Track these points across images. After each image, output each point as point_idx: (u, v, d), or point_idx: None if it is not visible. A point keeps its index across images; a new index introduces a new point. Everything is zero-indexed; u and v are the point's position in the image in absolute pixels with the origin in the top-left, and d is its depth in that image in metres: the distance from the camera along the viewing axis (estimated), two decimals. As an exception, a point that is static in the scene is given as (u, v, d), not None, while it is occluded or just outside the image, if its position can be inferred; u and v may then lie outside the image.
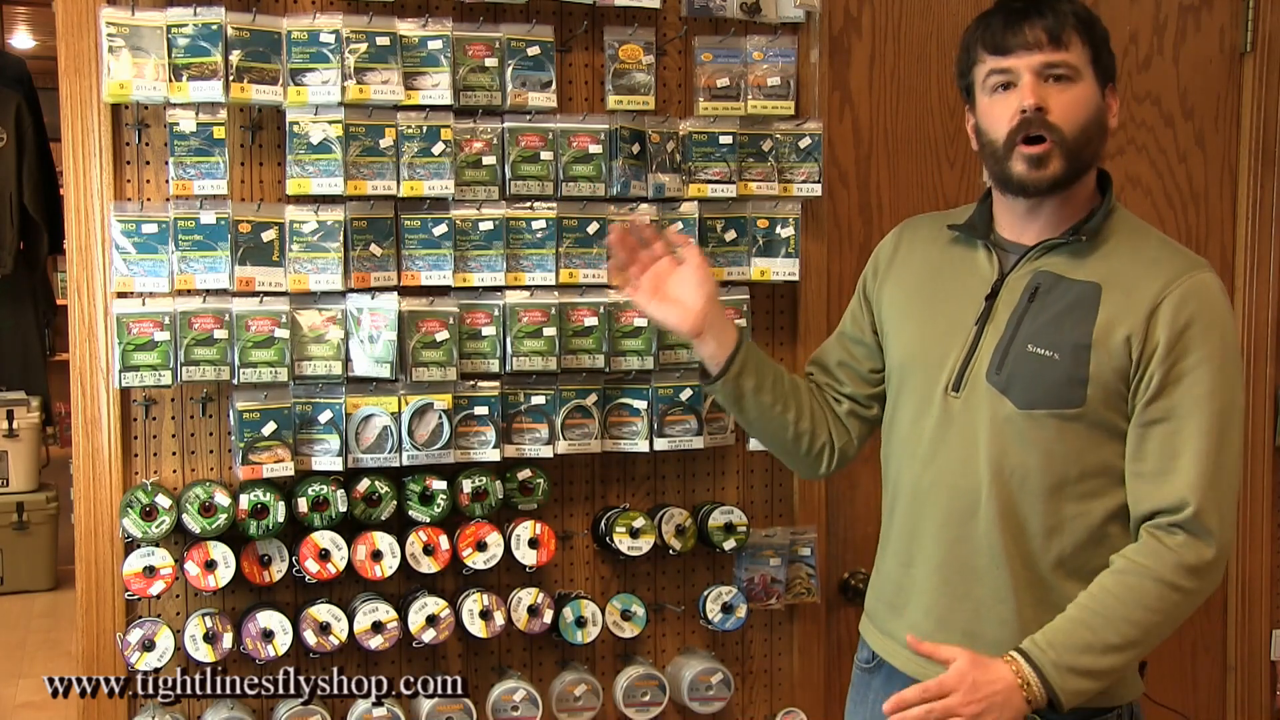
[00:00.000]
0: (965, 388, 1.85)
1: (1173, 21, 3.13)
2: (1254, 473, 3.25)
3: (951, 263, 1.95)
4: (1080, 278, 1.81)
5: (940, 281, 1.95)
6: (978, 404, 1.84)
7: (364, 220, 2.40)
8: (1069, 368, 1.77)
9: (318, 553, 2.35)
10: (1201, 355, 1.73)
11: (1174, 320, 1.74)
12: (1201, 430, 1.73)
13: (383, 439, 2.40)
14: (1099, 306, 1.77)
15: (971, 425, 1.84)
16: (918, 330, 1.96)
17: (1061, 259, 1.83)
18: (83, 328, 2.33)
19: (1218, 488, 1.73)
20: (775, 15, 2.65)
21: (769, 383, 2.00)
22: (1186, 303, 1.74)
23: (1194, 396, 1.73)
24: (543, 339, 2.47)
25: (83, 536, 2.35)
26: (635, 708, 2.60)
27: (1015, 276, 1.86)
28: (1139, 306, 1.76)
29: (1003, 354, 1.82)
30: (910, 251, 2.03)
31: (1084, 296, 1.79)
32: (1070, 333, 1.78)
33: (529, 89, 2.48)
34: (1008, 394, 1.81)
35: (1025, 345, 1.81)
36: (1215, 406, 1.73)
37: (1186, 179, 3.18)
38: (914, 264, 2.01)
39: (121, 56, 2.25)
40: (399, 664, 2.53)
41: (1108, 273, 1.80)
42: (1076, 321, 1.78)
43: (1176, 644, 3.26)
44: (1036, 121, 1.77)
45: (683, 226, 2.59)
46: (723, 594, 2.63)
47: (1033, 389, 1.79)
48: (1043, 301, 1.82)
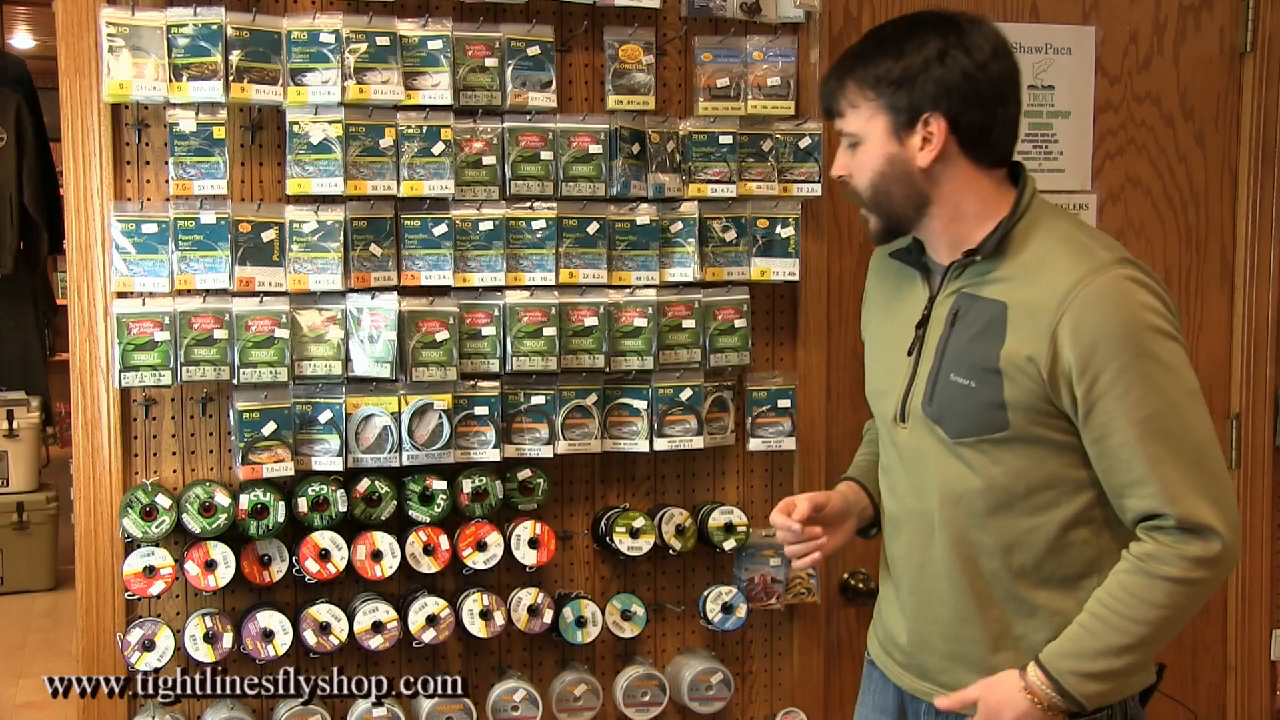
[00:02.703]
0: (909, 419, 1.87)
1: (1173, 21, 3.13)
2: (1254, 472, 3.25)
3: (898, 291, 1.96)
4: (990, 296, 1.78)
5: (890, 311, 1.96)
6: (920, 435, 1.85)
7: (364, 220, 2.40)
8: (986, 394, 1.75)
9: (318, 553, 2.35)
10: (1117, 368, 1.68)
11: (1076, 340, 1.69)
12: (1146, 440, 1.68)
13: (383, 439, 2.40)
14: (1006, 328, 1.74)
15: (918, 455, 1.86)
16: (874, 363, 2.00)
17: (975, 276, 1.81)
18: (83, 328, 2.33)
19: (1188, 484, 1.69)
20: (775, 15, 2.65)
21: None
22: (1087, 318, 1.69)
23: (1124, 411, 1.68)
24: (543, 339, 2.47)
25: (83, 536, 2.35)
26: (635, 708, 2.60)
27: (940, 300, 1.85)
28: (1040, 327, 1.71)
29: (932, 384, 1.82)
30: (872, 283, 2.06)
31: (993, 319, 1.76)
32: (981, 359, 1.76)
33: (529, 89, 2.48)
34: (940, 425, 1.81)
35: (949, 375, 1.80)
36: (1149, 411, 1.68)
37: (1186, 179, 3.18)
38: (873, 295, 2.05)
39: (121, 56, 2.25)
40: (399, 664, 2.52)
41: (1013, 290, 1.76)
42: (986, 346, 1.76)
43: (1176, 644, 3.23)
44: (847, 189, 1.87)
45: (683, 226, 2.59)
46: (723, 594, 2.63)
47: (960, 419, 1.79)
48: (961, 326, 1.80)
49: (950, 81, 1.76)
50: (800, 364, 2.75)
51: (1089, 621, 1.74)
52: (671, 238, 2.59)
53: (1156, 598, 1.71)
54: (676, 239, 2.59)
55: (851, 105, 1.82)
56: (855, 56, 1.83)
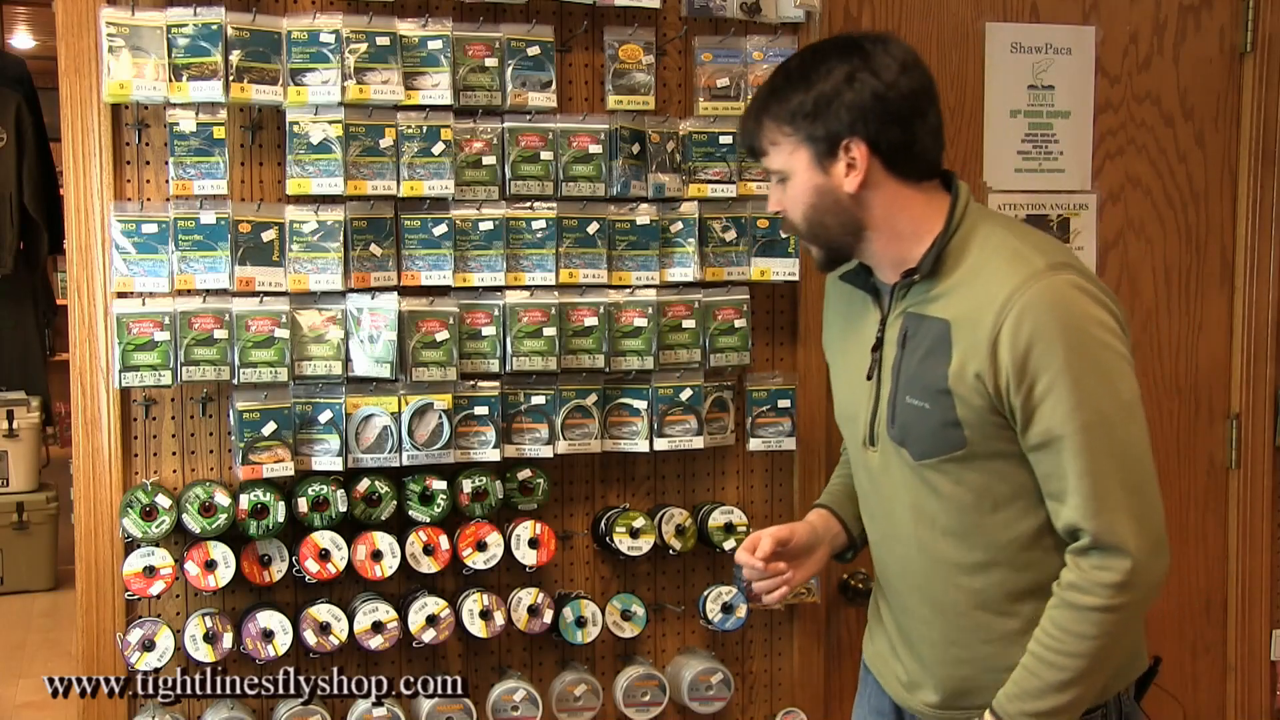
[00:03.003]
0: (878, 442, 1.86)
1: (1173, 21, 3.12)
2: (1254, 472, 3.25)
3: (853, 314, 1.95)
4: (934, 314, 1.77)
5: (847, 335, 1.96)
6: (889, 457, 1.85)
7: (364, 220, 2.40)
8: (940, 414, 1.75)
9: (318, 553, 2.35)
10: (1051, 375, 1.66)
11: (1013, 348, 1.67)
12: (1076, 450, 1.67)
13: (383, 439, 2.40)
14: (951, 346, 1.73)
15: (888, 478, 1.86)
16: (839, 387, 2.00)
17: (919, 295, 1.80)
18: (83, 328, 2.33)
19: (1112, 499, 1.67)
20: (775, 15, 2.65)
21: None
22: (1021, 326, 1.67)
23: (1059, 419, 1.67)
24: (543, 339, 2.47)
25: (83, 536, 2.35)
26: (635, 708, 2.60)
27: (891, 321, 1.84)
28: (982, 341, 1.70)
29: (892, 407, 1.82)
30: (830, 306, 2.06)
31: (939, 337, 1.75)
32: (931, 380, 1.75)
33: (529, 89, 2.48)
34: (905, 446, 1.81)
35: (905, 397, 1.79)
36: (1080, 422, 1.66)
37: (1186, 179, 3.18)
38: (832, 318, 2.05)
39: (121, 56, 2.25)
40: (399, 664, 2.52)
41: (954, 305, 1.75)
42: (934, 366, 1.75)
43: (1177, 644, 3.26)
44: (785, 223, 1.88)
45: (682, 226, 2.59)
46: (722, 594, 2.63)
47: (920, 440, 1.78)
48: (911, 346, 1.79)
49: (862, 104, 1.74)
50: (800, 364, 2.75)
51: (1029, 661, 1.73)
52: (671, 238, 2.59)
53: (1085, 629, 1.69)
54: (676, 239, 2.60)
55: (772, 143, 1.82)
56: (768, 94, 1.83)
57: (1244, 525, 3.24)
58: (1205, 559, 3.26)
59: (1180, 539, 3.24)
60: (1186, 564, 3.25)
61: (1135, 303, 3.15)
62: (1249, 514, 3.24)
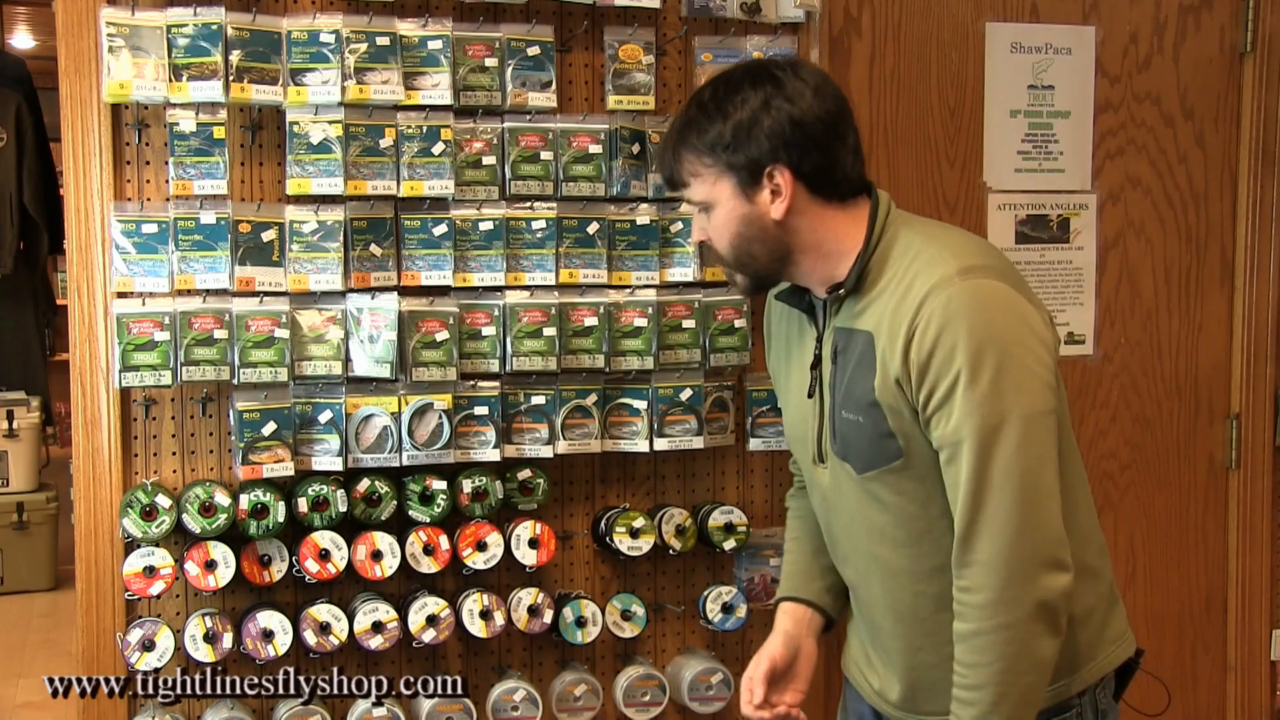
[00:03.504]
0: (826, 459, 1.86)
1: (1173, 21, 3.13)
2: (1254, 473, 3.25)
3: (792, 332, 1.95)
4: (860, 327, 1.76)
5: (789, 354, 1.95)
6: (837, 473, 1.84)
7: (364, 220, 2.40)
8: (873, 427, 1.74)
9: (318, 553, 2.35)
10: (950, 380, 1.65)
11: (919, 351, 1.67)
12: (964, 459, 1.65)
13: (383, 439, 2.40)
14: (875, 358, 1.73)
15: (839, 494, 1.86)
16: (786, 408, 1.99)
17: (848, 309, 1.79)
18: (83, 328, 2.33)
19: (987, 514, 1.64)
20: (775, 15, 2.65)
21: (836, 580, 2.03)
22: (929, 329, 1.66)
23: (952, 426, 1.65)
24: (543, 339, 2.47)
25: (83, 536, 2.35)
26: (635, 708, 2.60)
27: (826, 338, 1.84)
28: (898, 348, 1.69)
29: (832, 423, 1.81)
30: (771, 325, 2.05)
31: (865, 350, 1.75)
32: (860, 393, 1.75)
33: (529, 89, 2.48)
34: (847, 461, 1.80)
35: (841, 412, 1.79)
36: (971, 429, 1.64)
37: (1186, 179, 3.18)
38: (773, 338, 2.03)
39: (121, 56, 2.25)
40: (399, 664, 2.52)
41: (876, 316, 1.74)
42: (862, 379, 1.74)
43: (1177, 644, 3.26)
44: (709, 253, 1.88)
45: (683, 226, 2.59)
46: (723, 594, 2.63)
47: (860, 454, 1.77)
48: (842, 362, 1.79)
49: (781, 132, 1.73)
50: (800, 364, 2.75)
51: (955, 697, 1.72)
52: (671, 238, 2.59)
53: (977, 658, 1.68)
54: (676, 239, 2.60)
55: (693, 174, 1.80)
56: (683, 126, 1.81)
57: (1244, 525, 3.24)
58: (1205, 559, 3.26)
59: (1180, 539, 3.24)
60: (1186, 564, 3.25)
61: (1135, 303, 3.15)
62: (1249, 514, 3.24)
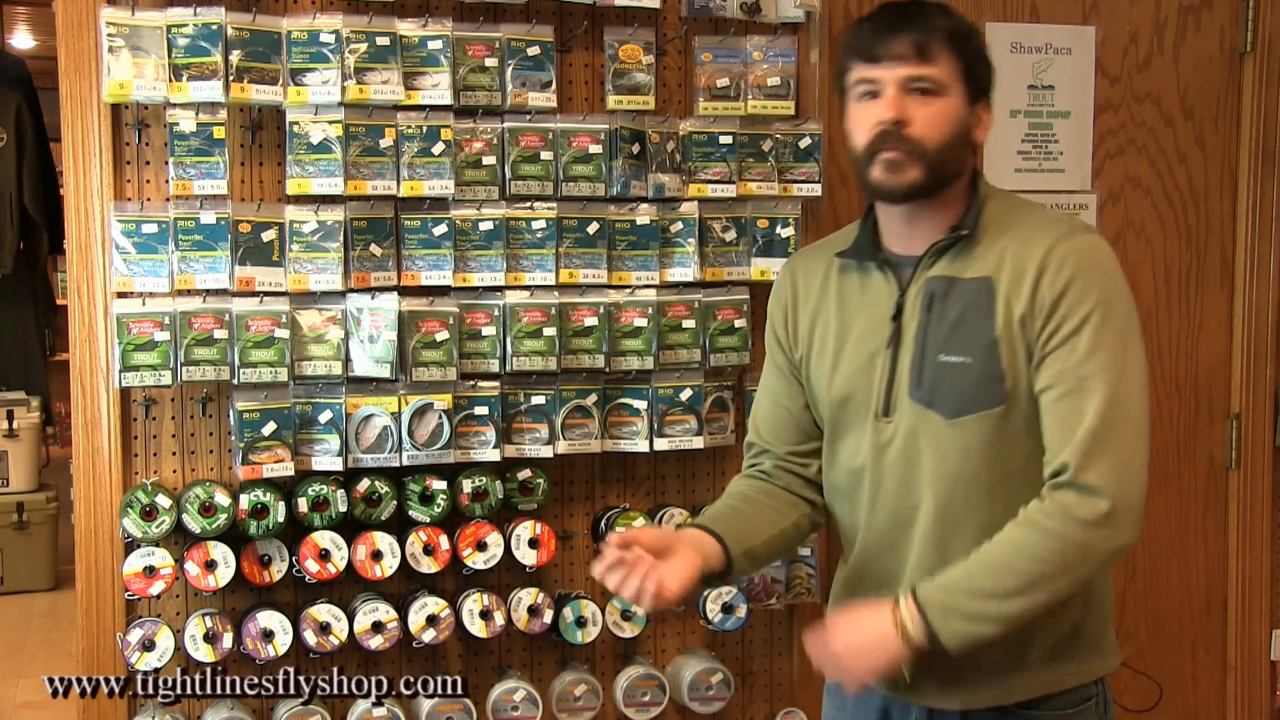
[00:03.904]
0: (894, 411, 1.85)
1: (1173, 21, 3.13)
2: (1254, 473, 3.25)
3: (851, 291, 1.93)
4: (971, 275, 1.80)
5: (846, 312, 1.93)
6: (909, 423, 1.83)
7: (364, 220, 2.40)
8: (983, 368, 1.76)
9: (318, 553, 2.35)
10: (1082, 315, 1.73)
11: (1053, 285, 1.74)
12: (1087, 390, 1.71)
13: (383, 439, 2.40)
14: (995, 299, 1.77)
15: (907, 446, 1.84)
16: (842, 367, 1.94)
17: (949, 262, 1.82)
18: (83, 328, 2.33)
19: (1111, 447, 1.70)
20: (775, 15, 2.65)
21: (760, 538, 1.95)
22: (1064, 266, 1.74)
23: (1078, 358, 1.72)
24: (543, 339, 2.47)
25: (83, 536, 2.35)
26: (635, 708, 2.60)
27: (912, 291, 1.84)
28: (1025, 287, 1.75)
29: (918, 370, 1.82)
30: (808, 290, 2.00)
31: (979, 293, 1.79)
32: (976, 333, 1.77)
33: (529, 89, 2.48)
34: (933, 407, 1.80)
35: (937, 356, 1.79)
36: (1098, 364, 1.71)
37: (1186, 179, 3.18)
38: (813, 301, 1.99)
39: (121, 56, 2.25)
40: (399, 664, 2.53)
41: (995, 263, 1.79)
42: (978, 319, 1.78)
43: (1176, 644, 3.26)
44: (894, 135, 1.79)
45: (683, 226, 2.59)
46: (723, 594, 2.63)
47: (955, 397, 1.78)
48: (940, 309, 1.81)
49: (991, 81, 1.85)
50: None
51: (969, 563, 1.73)
52: (671, 238, 2.59)
53: (1037, 551, 1.70)
54: (676, 239, 2.60)
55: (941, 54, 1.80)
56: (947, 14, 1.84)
57: (1244, 525, 3.24)
58: (1205, 559, 3.26)
59: (1180, 539, 3.24)
60: (1186, 564, 3.25)
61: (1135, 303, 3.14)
62: (1249, 514, 3.24)
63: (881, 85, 1.80)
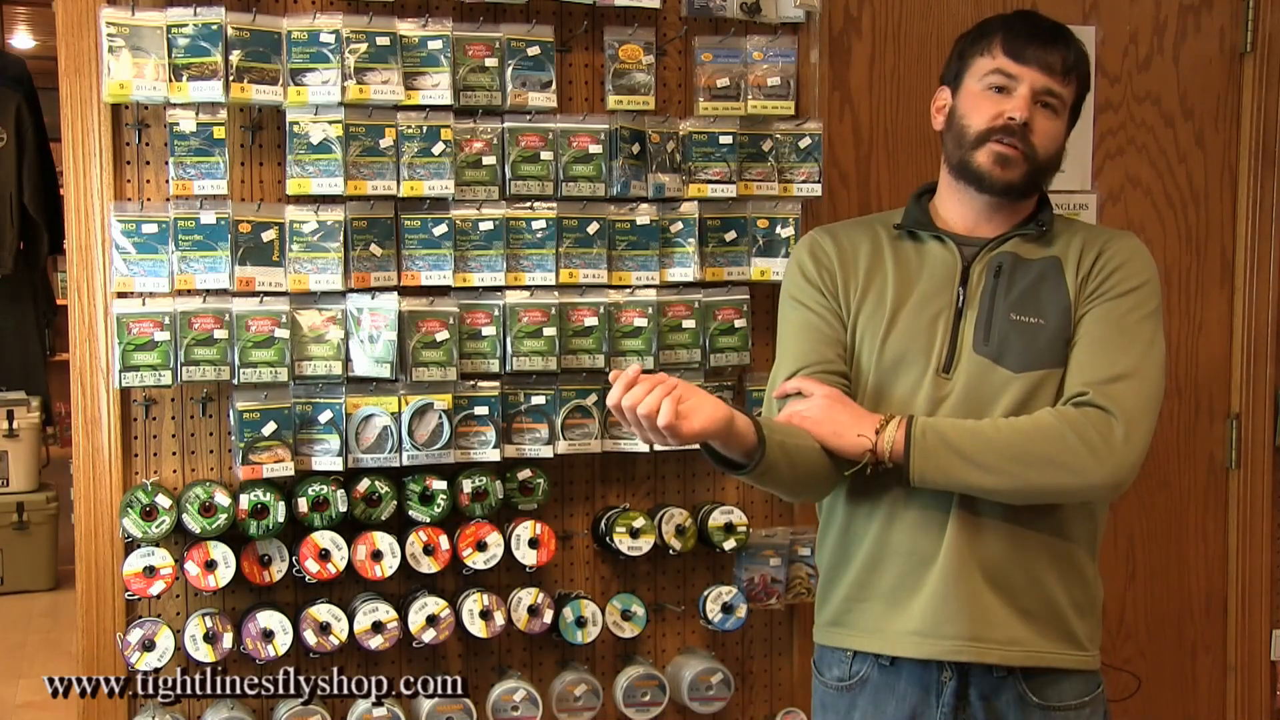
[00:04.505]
0: (956, 366, 1.93)
1: (1173, 21, 3.13)
2: (1254, 472, 3.25)
3: (907, 259, 2.02)
4: (1038, 257, 1.97)
5: (906, 275, 2.00)
6: (972, 375, 1.92)
7: (364, 220, 2.40)
8: (1056, 329, 1.91)
9: (318, 553, 2.35)
10: (1130, 286, 1.92)
11: (1108, 264, 1.94)
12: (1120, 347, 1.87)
13: (383, 439, 2.40)
14: (1064, 273, 1.95)
15: (967, 398, 1.91)
16: (900, 326, 1.97)
17: (1016, 246, 1.98)
18: (83, 328, 2.33)
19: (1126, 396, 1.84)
20: (775, 15, 2.65)
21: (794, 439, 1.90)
22: (1120, 251, 1.95)
23: (1120, 313, 1.90)
24: (543, 339, 2.47)
25: (83, 536, 2.35)
26: (635, 708, 2.60)
27: (977, 264, 1.98)
28: (1088, 260, 1.95)
29: (986, 327, 1.93)
30: (855, 253, 2.03)
31: (1049, 269, 1.96)
32: (1050, 297, 1.94)
33: (529, 89, 2.48)
34: (1001, 361, 1.91)
35: (1007, 315, 1.93)
36: (1135, 328, 1.89)
37: (1186, 179, 3.18)
38: (864, 263, 2.02)
39: (121, 56, 2.25)
40: (399, 664, 2.53)
41: (1062, 248, 1.98)
42: (1052, 289, 1.94)
43: (1177, 644, 3.26)
44: (1019, 132, 1.92)
45: (682, 226, 2.59)
46: (723, 594, 2.63)
47: (1026, 353, 1.91)
48: (1009, 278, 1.95)
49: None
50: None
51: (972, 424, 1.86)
52: (671, 238, 2.59)
53: (1029, 432, 1.82)
54: (676, 239, 2.60)
55: (1072, 79, 1.96)
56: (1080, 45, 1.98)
57: (1244, 525, 3.25)
58: (1205, 559, 3.26)
59: (1180, 539, 3.24)
60: (1186, 564, 3.25)
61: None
62: (1249, 514, 3.24)
63: (1018, 84, 1.92)
